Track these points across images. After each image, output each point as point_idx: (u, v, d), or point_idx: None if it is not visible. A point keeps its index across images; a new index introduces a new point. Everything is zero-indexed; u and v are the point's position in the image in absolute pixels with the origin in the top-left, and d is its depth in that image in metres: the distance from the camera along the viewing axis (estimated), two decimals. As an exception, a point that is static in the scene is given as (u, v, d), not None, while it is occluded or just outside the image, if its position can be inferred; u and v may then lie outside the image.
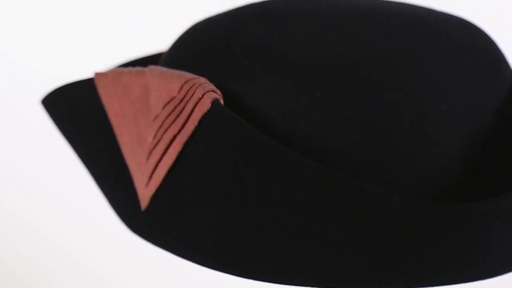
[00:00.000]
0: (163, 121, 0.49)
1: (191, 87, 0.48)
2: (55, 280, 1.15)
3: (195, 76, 0.49)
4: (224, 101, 0.48)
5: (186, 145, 0.48)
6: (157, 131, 0.50)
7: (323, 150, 0.47)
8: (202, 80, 0.49)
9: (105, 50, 1.01)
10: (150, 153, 0.50)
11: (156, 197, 0.50)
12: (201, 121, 0.47)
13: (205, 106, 0.47)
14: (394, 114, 0.47)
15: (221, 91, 0.48)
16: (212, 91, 0.48)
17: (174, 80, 0.49)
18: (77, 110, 0.57)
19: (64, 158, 1.10)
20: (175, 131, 0.48)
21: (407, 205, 0.44)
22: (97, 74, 0.54)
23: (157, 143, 0.49)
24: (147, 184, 0.50)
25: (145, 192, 0.51)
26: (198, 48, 0.52)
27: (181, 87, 0.49)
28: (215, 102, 0.47)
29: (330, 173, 0.44)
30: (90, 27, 1.06)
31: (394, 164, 0.47)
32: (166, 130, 0.49)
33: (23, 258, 1.16)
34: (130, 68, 0.53)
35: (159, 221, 0.50)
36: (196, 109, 0.48)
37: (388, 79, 0.47)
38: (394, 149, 0.47)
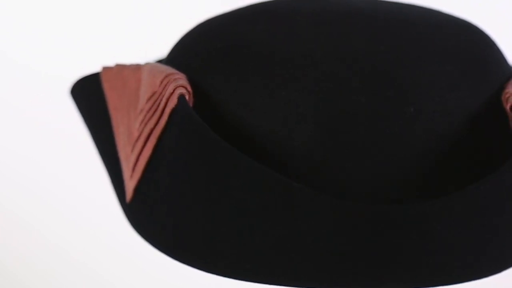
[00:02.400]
0: (145, 115, 0.51)
1: (168, 82, 0.50)
2: (55, 280, 1.15)
3: (175, 71, 0.51)
4: (197, 97, 0.49)
5: (160, 139, 0.50)
6: (140, 124, 0.51)
7: (283, 148, 0.47)
8: (179, 75, 0.50)
9: (105, 50, 1.01)
10: (133, 146, 0.51)
11: (137, 190, 0.51)
12: (170, 116, 0.49)
13: (173, 101, 0.49)
14: (357, 114, 0.47)
15: (195, 87, 0.50)
16: (182, 86, 0.49)
17: (158, 74, 0.51)
18: (88, 102, 0.59)
19: (64, 158, 1.10)
20: (152, 125, 0.50)
21: (335, 205, 0.44)
22: (104, 68, 0.56)
23: (138, 136, 0.51)
24: (131, 177, 0.52)
25: (129, 184, 0.52)
26: (188, 45, 0.54)
27: (161, 82, 0.50)
28: (180, 97, 0.49)
29: (264, 170, 0.45)
30: (90, 27, 1.06)
31: (354, 164, 0.47)
32: (146, 124, 0.50)
33: (23, 258, 1.15)
34: (131, 63, 0.55)
35: (139, 213, 0.51)
36: (168, 104, 0.49)
37: (355, 79, 0.47)
38: (354, 149, 0.47)
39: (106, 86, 0.56)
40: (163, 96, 0.50)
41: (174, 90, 0.49)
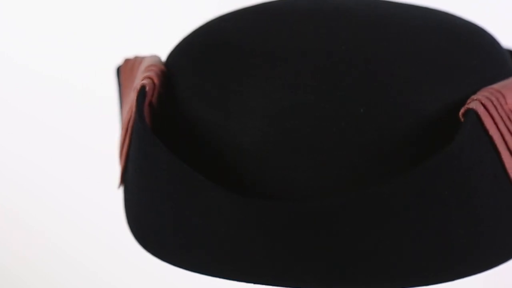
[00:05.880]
0: (129, 106, 0.52)
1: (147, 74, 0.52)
2: (55, 280, 1.15)
3: (155, 63, 0.52)
4: (165, 89, 0.51)
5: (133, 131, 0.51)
6: (126, 113, 0.53)
7: (233, 143, 0.48)
8: (154, 67, 0.52)
9: (105, 50, 1.01)
10: (121, 135, 0.53)
11: (122, 177, 0.53)
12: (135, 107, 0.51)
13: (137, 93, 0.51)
14: (305, 112, 0.47)
15: (168, 79, 0.51)
16: (149, 77, 0.51)
17: (145, 67, 0.53)
18: (116, 91, 0.61)
19: (64, 159, 1.10)
20: (129, 116, 0.51)
21: (233, 200, 0.45)
22: (124, 60, 0.58)
23: (123, 125, 0.53)
24: (120, 163, 0.53)
25: (120, 171, 0.54)
26: (183, 42, 0.55)
27: (143, 73, 0.52)
28: (141, 89, 0.50)
29: (176, 162, 0.46)
30: (90, 28, 1.06)
31: (298, 162, 0.47)
32: (127, 113, 0.52)
33: (23, 258, 1.16)
34: (143, 56, 0.56)
35: (124, 199, 0.53)
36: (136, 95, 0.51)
37: (308, 78, 0.47)
38: (299, 147, 0.47)
39: (122, 78, 0.58)
40: (136, 87, 0.51)
41: (141, 81, 0.50)
